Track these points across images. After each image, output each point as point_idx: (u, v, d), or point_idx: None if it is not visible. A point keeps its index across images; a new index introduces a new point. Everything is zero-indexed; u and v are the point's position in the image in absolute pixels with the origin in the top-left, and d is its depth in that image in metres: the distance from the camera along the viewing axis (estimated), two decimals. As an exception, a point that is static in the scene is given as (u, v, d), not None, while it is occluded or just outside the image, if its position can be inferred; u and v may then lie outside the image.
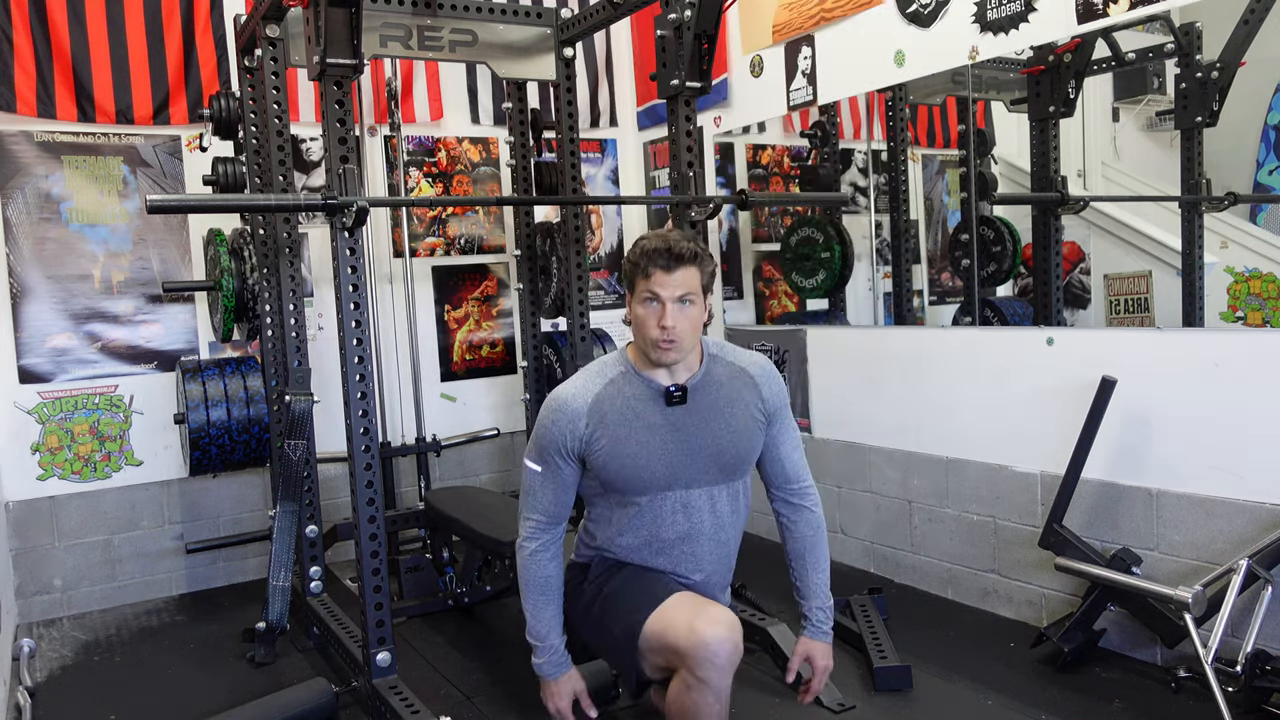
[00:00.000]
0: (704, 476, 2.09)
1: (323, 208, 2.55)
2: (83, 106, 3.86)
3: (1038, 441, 3.18)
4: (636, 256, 1.99)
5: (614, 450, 2.02)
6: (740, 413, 2.11)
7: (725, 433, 2.09)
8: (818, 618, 2.22)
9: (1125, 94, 3.90)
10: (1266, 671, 2.46)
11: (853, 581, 3.73)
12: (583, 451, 2.04)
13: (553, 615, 2.14)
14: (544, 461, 2.08)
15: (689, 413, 2.06)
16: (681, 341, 1.99)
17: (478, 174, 4.77)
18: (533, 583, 2.12)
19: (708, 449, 2.07)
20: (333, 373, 3.35)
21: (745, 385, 2.14)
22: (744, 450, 2.13)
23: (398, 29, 3.24)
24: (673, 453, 2.05)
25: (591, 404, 2.03)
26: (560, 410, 2.04)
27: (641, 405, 2.05)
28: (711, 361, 2.12)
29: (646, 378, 2.06)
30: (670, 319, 1.95)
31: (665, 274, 1.95)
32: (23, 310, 3.85)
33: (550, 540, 2.12)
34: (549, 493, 2.09)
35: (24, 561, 3.85)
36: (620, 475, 2.04)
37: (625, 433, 2.03)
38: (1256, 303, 3.17)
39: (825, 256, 4.36)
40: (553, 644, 2.13)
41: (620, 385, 2.06)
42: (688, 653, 1.90)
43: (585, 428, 2.02)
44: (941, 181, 4.67)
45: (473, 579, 3.64)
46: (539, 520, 2.12)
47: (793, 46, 4.01)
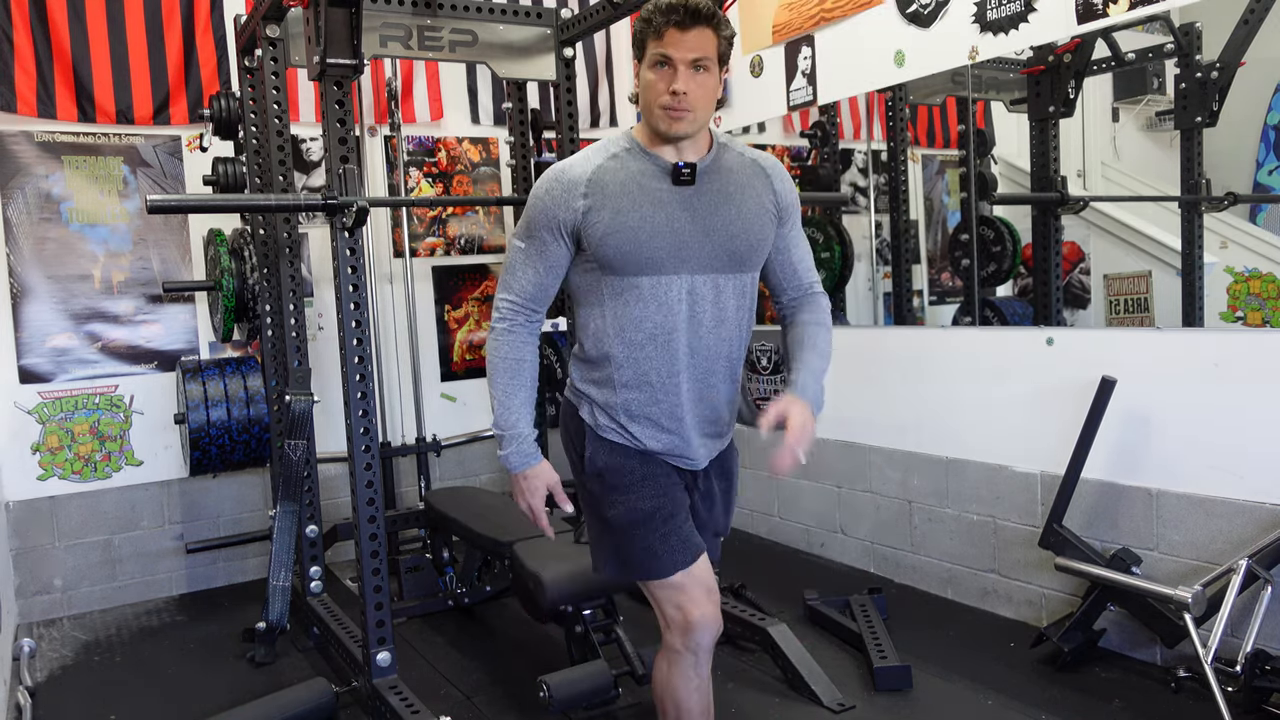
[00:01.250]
0: (712, 263, 1.90)
1: (323, 208, 2.55)
2: (83, 106, 3.86)
3: (1038, 441, 3.18)
4: (649, 13, 1.80)
5: (614, 222, 1.84)
6: (751, 200, 1.94)
7: (736, 218, 1.92)
8: (802, 380, 1.96)
9: (1125, 94, 3.90)
10: (1266, 671, 2.46)
11: (853, 581, 3.73)
12: (578, 225, 1.86)
13: (522, 401, 1.93)
14: (531, 236, 1.91)
15: (698, 194, 1.89)
16: (694, 111, 1.82)
17: (478, 174, 4.77)
18: (501, 364, 1.93)
19: (717, 232, 1.90)
20: (333, 373, 3.35)
21: (756, 175, 1.97)
22: (755, 239, 1.94)
23: (398, 29, 3.24)
24: (679, 232, 1.87)
25: (592, 174, 1.86)
26: (556, 180, 1.88)
27: (647, 180, 1.87)
28: (721, 148, 1.95)
29: (653, 155, 1.89)
30: (682, 83, 1.78)
31: (680, 32, 1.77)
32: (23, 310, 3.85)
33: (524, 324, 1.94)
34: (530, 272, 1.92)
35: (24, 561, 3.85)
36: (620, 250, 1.85)
37: (628, 204, 1.85)
38: (1256, 303, 3.18)
39: (825, 256, 4.36)
40: (521, 432, 1.92)
41: (624, 160, 1.89)
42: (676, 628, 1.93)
43: (583, 199, 1.85)
44: (941, 181, 4.67)
45: (473, 579, 3.65)
46: (514, 300, 1.93)
47: (793, 46, 4.02)
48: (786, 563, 4.08)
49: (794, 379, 1.98)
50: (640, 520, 1.91)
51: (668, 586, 1.92)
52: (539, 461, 1.95)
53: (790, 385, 1.97)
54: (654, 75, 1.81)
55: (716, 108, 1.96)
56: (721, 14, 1.82)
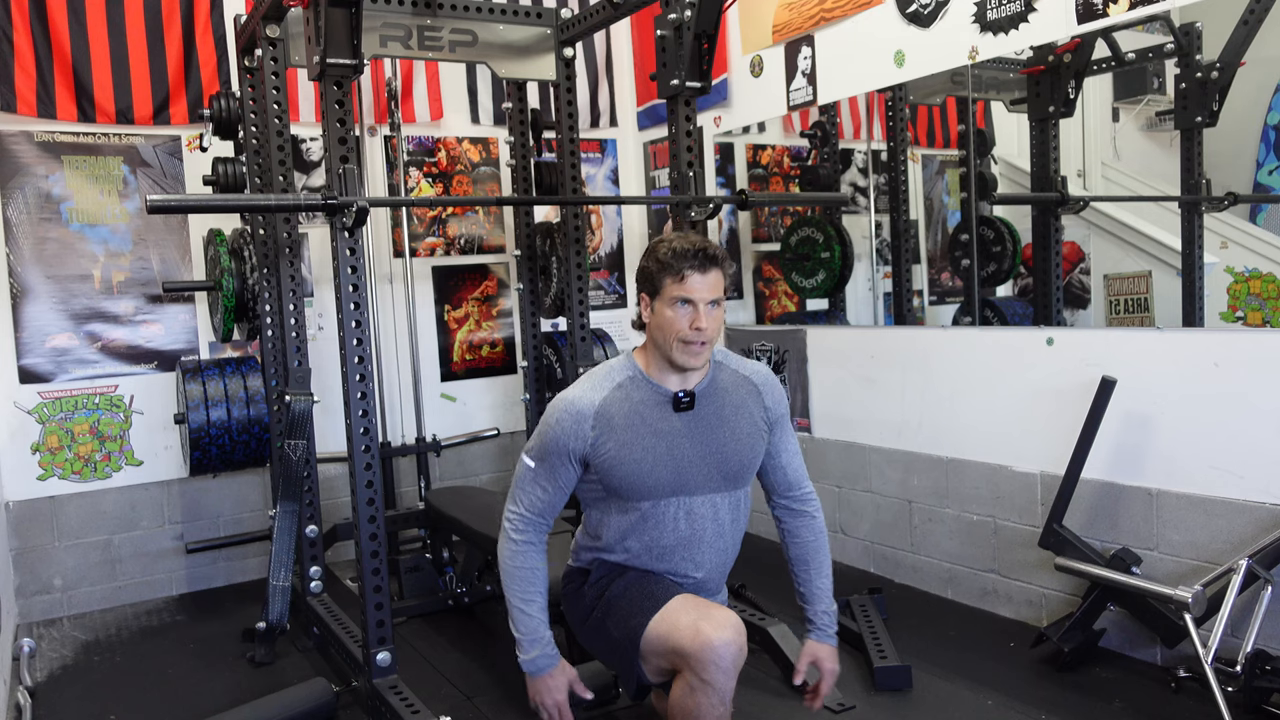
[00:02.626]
0: (708, 483, 2.09)
1: (323, 208, 2.55)
2: (83, 106, 3.86)
3: (1038, 441, 3.18)
4: (667, 258, 1.96)
5: (620, 455, 2.01)
6: (745, 420, 2.12)
7: (730, 440, 2.09)
8: (823, 621, 2.22)
9: (1125, 94, 3.90)
10: (1266, 671, 2.46)
11: (853, 581, 3.73)
12: (587, 454, 2.03)
13: (540, 608, 2.10)
14: (543, 459, 2.06)
15: (695, 419, 2.07)
16: (710, 344, 2.00)
17: (478, 174, 4.77)
18: (517, 573, 2.09)
19: (713, 456, 2.07)
20: (333, 373, 3.35)
21: (749, 393, 2.15)
22: (748, 458, 2.13)
23: (398, 29, 3.24)
24: (678, 459, 2.04)
25: (599, 407, 2.03)
26: (567, 411, 2.03)
27: (649, 411, 2.04)
28: (717, 369, 2.13)
29: (655, 384, 2.06)
30: (704, 321, 1.96)
31: (700, 276, 1.95)
32: (23, 310, 3.85)
33: (535, 535, 2.10)
34: (540, 490, 2.08)
35: (24, 561, 3.86)
36: (625, 480, 2.03)
37: (632, 438, 2.02)
38: (1256, 303, 3.17)
39: (825, 256, 4.36)
40: (542, 636, 2.09)
41: (629, 390, 2.06)
42: (693, 655, 1.89)
43: (592, 430, 2.01)
44: (941, 181, 4.67)
45: (473, 579, 3.65)
46: (525, 514, 2.10)
47: (793, 46, 4.01)
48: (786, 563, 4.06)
49: (814, 615, 2.22)
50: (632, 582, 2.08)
51: (670, 625, 1.95)
52: (559, 662, 2.11)
53: (812, 625, 2.23)
54: (674, 313, 1.97)
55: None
56: (726, 254, 2.02)
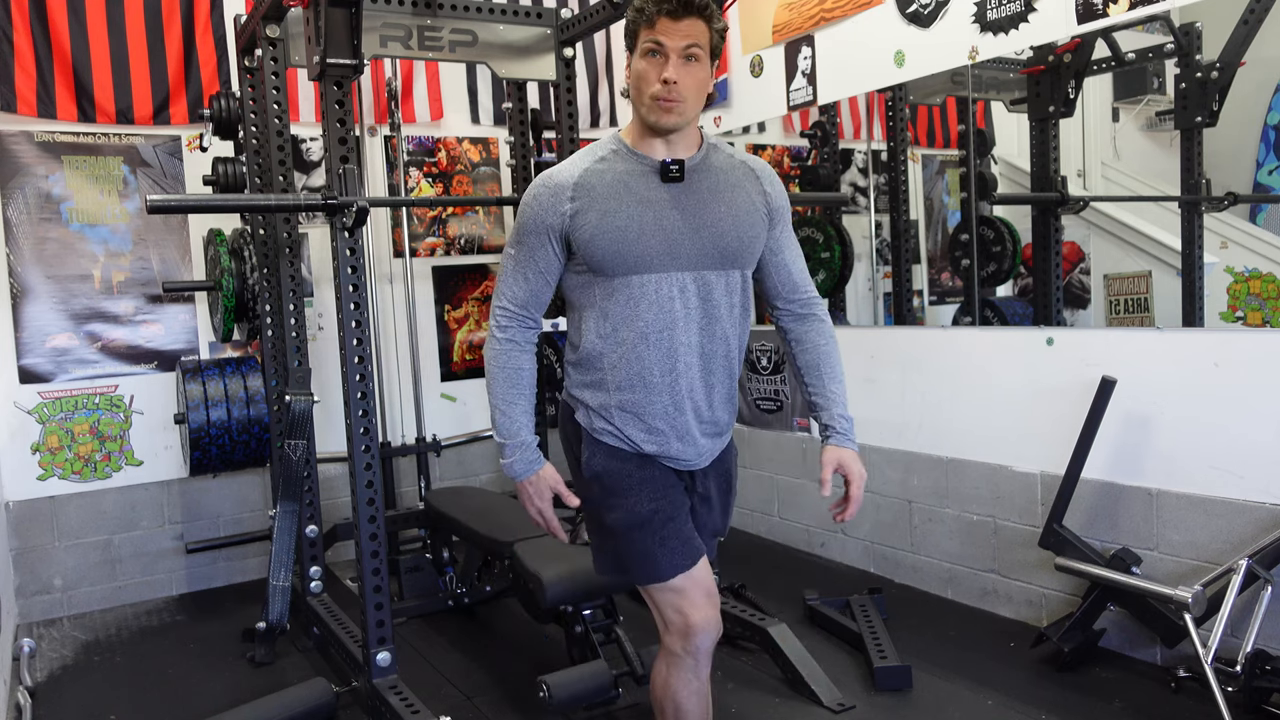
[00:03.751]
0: (702, 260, 1.90)
1: (323, 208, 2.55)
2: (83, 106, 3.86)
3: (1038, 441, 3.18)
4: (642, 1, 1.80)
5: (602, 224, 1.84)
6: (742, 199, 1.94)
7: (727, 215, 1.91)
8: (842, 425, 2.04)
9: (1125, 94, 3.90)
10: (1266, 671, 2.46)
11: (853, 581, 3.73)
12: (567, 229, 1.87)
13: (522, 410, 1.95)
14: (521, 243, 1.93)
15: (687, 191, 1.89)
16: (684, 102, 1.81)
17: (478, 174, 4.77)
18: (500, 372, 1.94)
19: (708, 229, 1.89)
20: (333, 373, 3.35)
21: (746, 176, 1.97)
22: (746, 236, 1.94)
23: (398, 29, 3.24)
24: (668, 229, 1.87)
25: (579, 178, 1.87)
26: (544, 185, 1.89)
27: (634, 180, 1.88)
28: (711, 148, 1.96)
29: (640, 154, 1.89)
30: (674, 72, 1.78)
31: (672, 21, 1.77)
32: (23, 310, 3.85)
33: (521, 332, 1.95)
34: (522, 279, 1.93)
35: (24, 561, 3.86)
36: (609, 251, 1.85)
37: (615, 205, 1.85)
38: (1256, 303, 3.18)
39: (825, 256, 4.36)
40: (524, 440, 1.94)
41: (612, 162, 1.89)
42: (675, 632, 1.92)
43: (570, 202, 1.86)
44: (941, 181, 4.67)
45: (473, 579, 3.65)
46: (509, 308, 1.95)
47: (793, 46, 4.02)
48: (786, 563, 4.08)
49: (831, 420, 2.03)
50: (638, 524, 1.90)
51: (667, 590, 1.91)
52: (542, 466, 1.96)
53: (830, 429, 2.03)
54: (646, 64, 1.81)
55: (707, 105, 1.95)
56: (714, 6, 1.82)
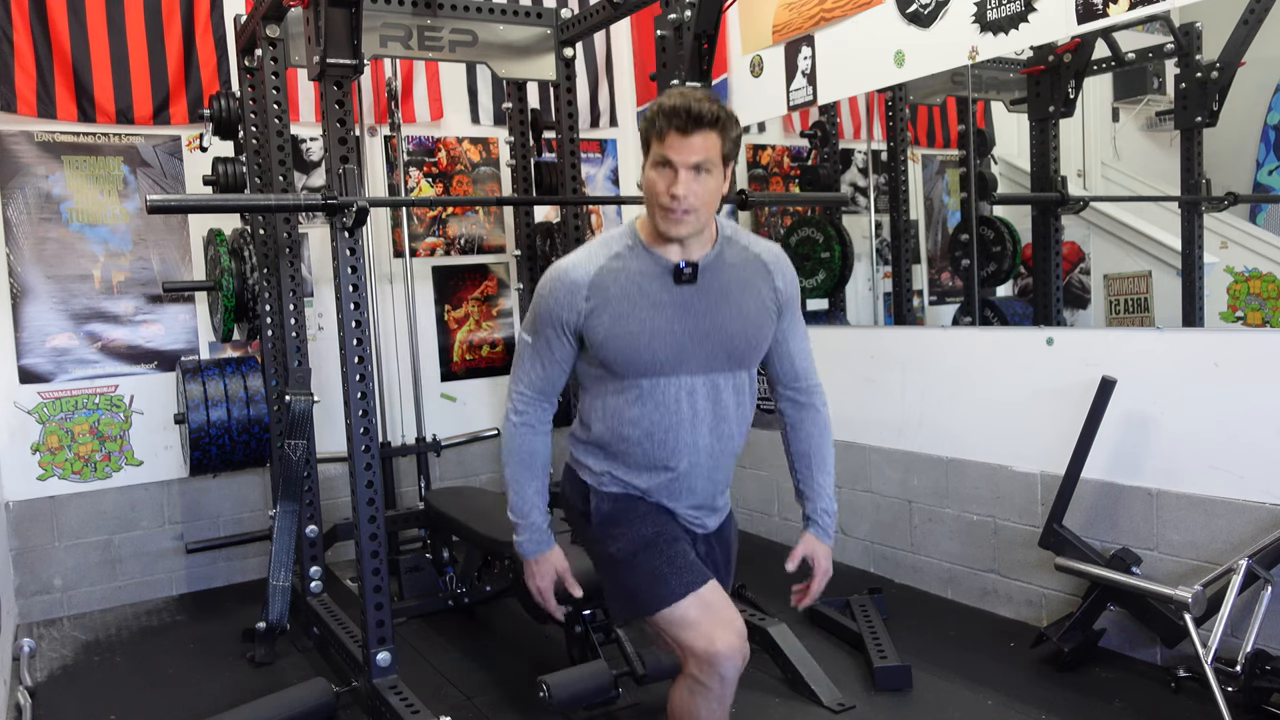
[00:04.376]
0: (711, 363, 1.93)
1: (323, 208, 2.55)
2: (83, 106, 3.86)
3: (1038, 441, 3.18)
4: (653, 114, 1.81)
5: (615, 327, 1.87)
6: (752, 298, 1.95)
7: (736, 317, 1.93)
8: (823, 520, 2.08)
9: (1125, 94, 3.90)
10: (1266, 671, 2.46)
11: (853, 581, 3.73)
12: (580, 327, 1.89)
13: (535, 491, 2.02)
14: (537, 333, 1.95)
15: (698, 293, 1.90)
16: (695, 213, 1.82)
17: (478, 174, 4.77)
18: (516, 455, 2.00)
19: (717, 333, 1.92)
20: (333, 373, 3.35)
21: (758, 271, 1.98)
22: (754, 338, 1.97)
23: (398, 29, 3.24)
24: (679, 334, 1.89)
25: (594, 277, 1.88)
26: (559, 280, 1.89)
27: (648, 282, 1.89)
28: (725, 243, 1.96)
29: (656, 253, 1.90)
30: (682, 187, 1.79)
31: (681, 137, 1.78)
32: (23, 310, 3.85)
33: (537, 415, 2.00)
34: (539, 366, 1.96)
35: (24, 561, 3.86)
36: (621, 354, 1.88)
37: (628, 309, 1.87)
38: (1256, 303, 3.17)
39: (825, 256, 4.36)
40: (534, 521, 2.02)
41: (626, 259, 1.90)
42: (699, 659, 1.87)
43: (585, 302, 1.87)
44: (941, 181, 4.67)
45: (473, 579, 3.64)
46: (525, 394, 1.99)
47: (793, 46, 4.02)
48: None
49: (813, 513, 2.07)
50: (643, 546, 1.94)
51: (685, 622, 1.88)
52: (550, 548, 2.03)
53: (811, 521, 2.07)
54: (655, 175, 1.83)
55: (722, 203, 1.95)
56: (727, 115, 1.81)
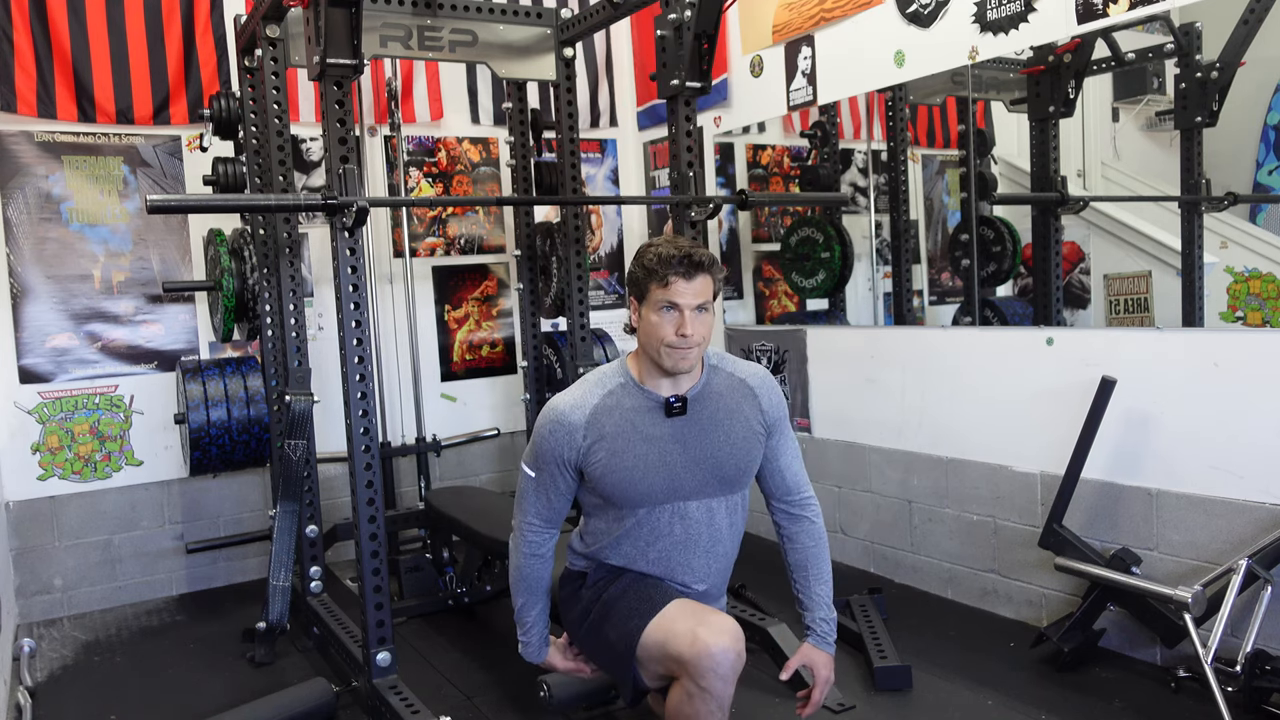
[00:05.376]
0: (703, 489, 2.08)
1: (323, 208, 2.55)
2: (83, 106, 3.86)
3: (1038, 441, 3.18)
4: (653, 264, 1.96)
5: (612, 463, 2.02)
6: (740, 424, 2.10)
7: (725, 444, 2.07)
8: (822, 629, 2.19)
9: (1125, 94, 3.90)
10: (1266, 671, 2.46)
11: (853, 581, 3.73)
12: (580, 464, 2.04)
13: (539, 613, 2.20)
14: (539, 469, 2.08)
15: (689, 424, 2.05)
16: (697, 348, 1.99)
17: (478, 174, 4.77)
18: (523, 582, 2.17)
19: (707, 461, 2.06)
20: (333, 373, 3.35)
21: (745, 397, 2.13)
22: (743, 462, 2.11)
23: (398, 29, 3.24)
24: (671, 465, 2.04)
25: (590, 416, 2.02)
26: (558, 422, 2.03)
27: (640, 417, 2.04)
28: (711, 372, 2.12)
29: (647, 390, 2.05)
30: (690, 327, 1.95)
31: (685, 282, 1.94)
32: (23, 310, 3.85)
33: (542, 543, 2.14)
34: (543, 499, 2.10)
35: (24, 561, 3.86)
36: (618, 488, 2.03)
37: (623, 445, 2.02)
38: (1256, 303, 3.17)
39: (825, 256, 4.36)
40: (538, 633, 2.21)
41: (620, 397, 2.05)
42: (690, 662, 1.89)
43: (583, 440, 2.02)
44: (941, 181, 4.67)
45: (473, 579, 3.65)
46: (534, 524, 2.13)
47: (793, 46, 4.01)
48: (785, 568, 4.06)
49: (812, 622, 2.18)
50: (628, 585, 2.09)
51: (671, 631, 1.94)
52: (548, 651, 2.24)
53: (810, 630, 2.18)
54: (659, 319, 1.97)
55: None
56: (715, 260, 2.02)
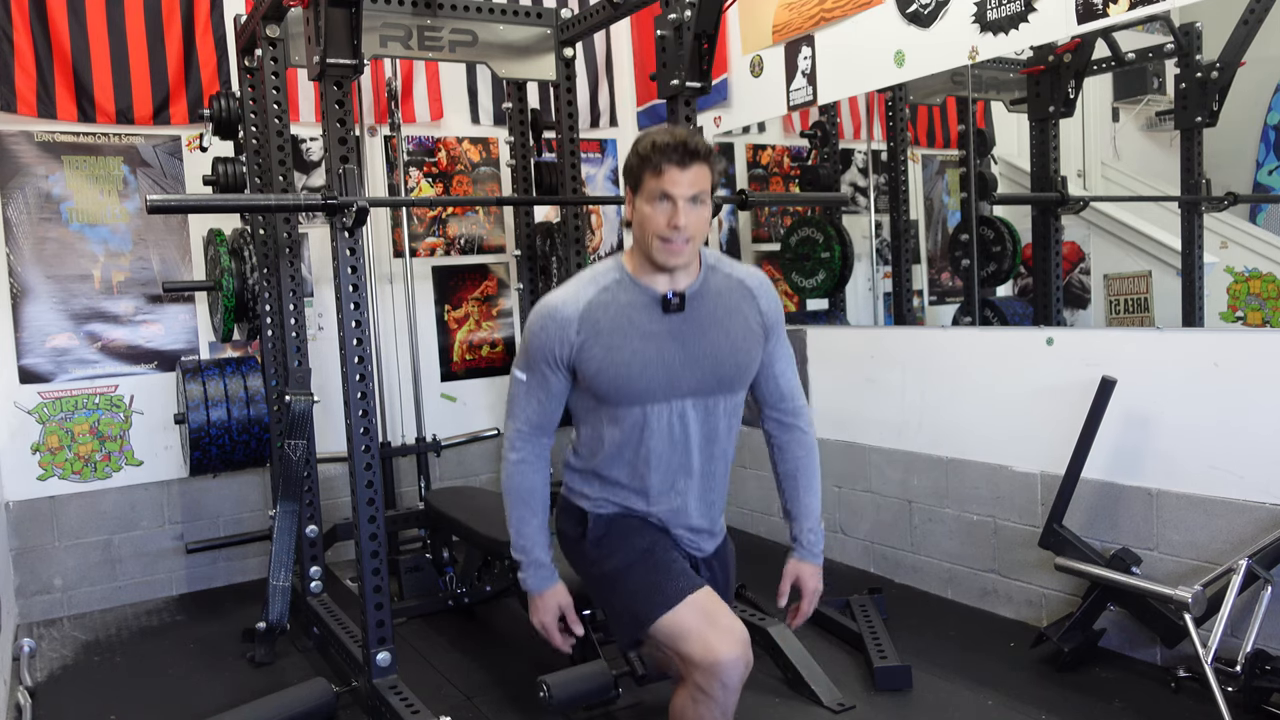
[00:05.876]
0: (701, 388, 1.99)
1: (323, 208, 2.55)
2: (83, 106, 3.86)
3: (1038, 441, 3.18)
4: (646, 150, 1.87)
5: (608, 359, 1.92)
6: (739, 323, 2.02)
7: (724, 343, 1.99)
8: (808, 540, 2.16)
9: (1125, 94, 3.90)
10: (1266, 671, 2.46)
11: (853, 581, 3.73)
12: (573, 360, 1.94)
13: (537, 528, 2.05)
14: (531, 369, 1.99)
15: (686, 321, 1.97)
16: (691, 242, 1.90)
17: (478, 174, 4.77)
18: (516, 494, 2.04)
19: (706, 359, 1.98)
20: (333, 373, 3.35)
21: (743, 297, 2.05)
22: (743, 361, 2.03)
23: (398, 29, 3.24)
24: (669, 362, 1.95)
25: (584, 311, 1.93)
26: (550, 317, 1.94)
27: (637, 313, 1.95)
28: (709, 271, 2.02)
29: (643, 285, 1.96)
30: (683, 218, 1.86)
31: (679, 170, 1.85)
32: (23, 310, 3.85)
33: (534, 451, 2.04)
34: (534, 403, 2.01)
35: (24, 561, 3.86)
36: (614, 385, 1.94)
37: (620, 341, 1.93)
38: (1256, 303, 3.18)
39: (825, 256, 4.36)
40: (537, 557, 2.04)
41: (615, 292, 1.96)
42: (700, 668, 1.87)
43: (577, 335, 1.92)
44: (941, 181, 4.67)
45: (473, 579, 3.65)
46: (523, 430, 2.03)
47: (793, 46, 4.02)
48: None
49: (799, 533, 2.16)
50: (638, 557, 1.99)
51: (683, 632, 1.90)
52: (554, 584, 2.05)
53: (796, 542, 2.17)
54: (652, 209, 1.88)
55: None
56: (711, 149, 1.93)
